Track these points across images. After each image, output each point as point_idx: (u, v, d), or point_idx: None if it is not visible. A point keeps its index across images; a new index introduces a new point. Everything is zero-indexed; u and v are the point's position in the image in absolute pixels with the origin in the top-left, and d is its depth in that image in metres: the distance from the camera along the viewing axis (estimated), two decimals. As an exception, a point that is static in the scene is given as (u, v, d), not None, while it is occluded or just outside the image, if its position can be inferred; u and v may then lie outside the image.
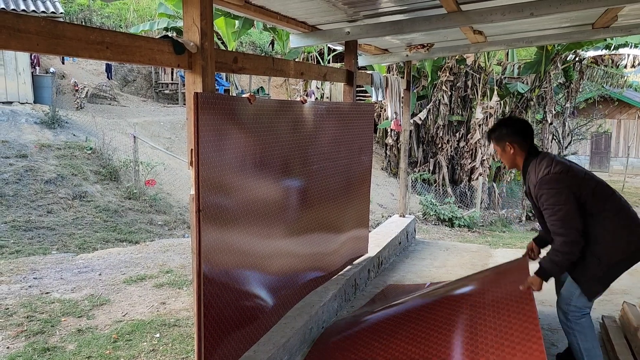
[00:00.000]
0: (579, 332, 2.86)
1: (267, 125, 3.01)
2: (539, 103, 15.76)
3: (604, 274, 2.80)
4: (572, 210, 2.65)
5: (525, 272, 2.94)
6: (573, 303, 2.87)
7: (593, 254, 2.75)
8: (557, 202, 2.66)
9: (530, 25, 5.29)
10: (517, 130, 2.97)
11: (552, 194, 2.68)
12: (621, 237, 2.74)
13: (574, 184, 2.71)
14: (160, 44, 2.29)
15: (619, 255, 2.76)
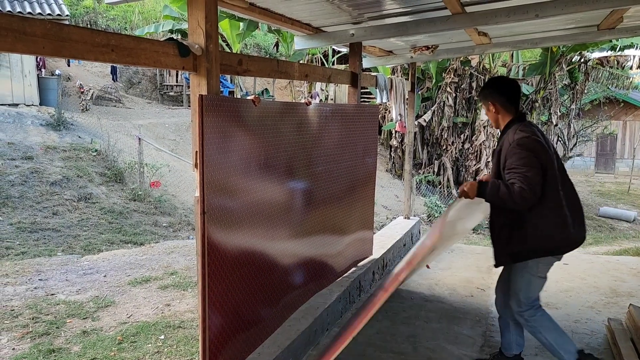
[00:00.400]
0: (541, 327, 2.95)
1: (272, 128, 3.01)
2: (544, 104, 15.73)
3: (521, 252, 2.88)
4: (539, 177, 2.71)
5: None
6: (523, 299, 2.95)
7: (521, 232, 2.84)
8: (528, 163, 2.71)
9: (535, 26, 5.27)
10: (501, 91, 3.02)
11: (525, 155, 2.73)
12: (552, 232, 2.82)
13: (546, 159, 2.78)
14: (165, 46, 2.29)
15: (540, 245, 2.84)
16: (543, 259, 2.89)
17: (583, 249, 9.36)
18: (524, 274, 2.93)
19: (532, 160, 2.72)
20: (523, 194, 2.66)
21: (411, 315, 4.14)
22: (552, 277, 5.11)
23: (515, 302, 3.00)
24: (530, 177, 2.68)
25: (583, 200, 16.39)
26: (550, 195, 2.80)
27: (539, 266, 2.90)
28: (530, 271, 2.91)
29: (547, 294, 4.67)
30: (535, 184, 2.69)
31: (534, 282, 2.94)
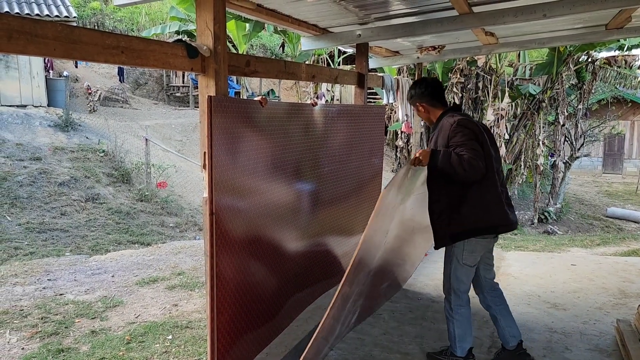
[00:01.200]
0: (458, 321, 3.15)
1: (279, 128, 3.02)
2: (551, 105, 15.63)
3: (461, 233, 3.01)
4: (482, 152, 2.87)
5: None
6: (456, 287, 3.12)
7: (460, 213, 2.98)
8: (473, 138, 2.88)
9: (543, 26, 5.25)
10: (423, 92, 3.21)
11: (467, 132, 2.90)
12: (490, 209, 2.98)
13: (482, 140, 2.95)
14: (173, 48, 2.31)
15: (479, 223, 2.99)
16: (467, 246, 3.03)
17: (590, 249, 9.32)
18: (451, 261, 3.12)
19: (474, 137, 2.89)
20: (472, 162, 2.78)
21: (418, 316, 4.14)
22: (559, 279, 5.15)
23: (445, 288, 3.21)
24: (477, 150, 2.83)
25: (590, 201, 16.28)
26: (490, 176, 2.95)
27: (464, 254, 3.05)
28: (457, 258, 3.08)
29: (555, 295, 4.68)
30: (481, 156, 2.84)
31: (459, 270, 3.09)
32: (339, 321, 3.04)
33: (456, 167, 2.79)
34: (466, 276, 3.13)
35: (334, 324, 2.89)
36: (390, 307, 4.34)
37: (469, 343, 3.24)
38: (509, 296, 4.60)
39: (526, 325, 3.97)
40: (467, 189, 2.95)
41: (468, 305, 3.20)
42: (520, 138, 16.01)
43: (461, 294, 3.15)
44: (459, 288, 3.13)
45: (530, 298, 4.60)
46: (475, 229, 2.99)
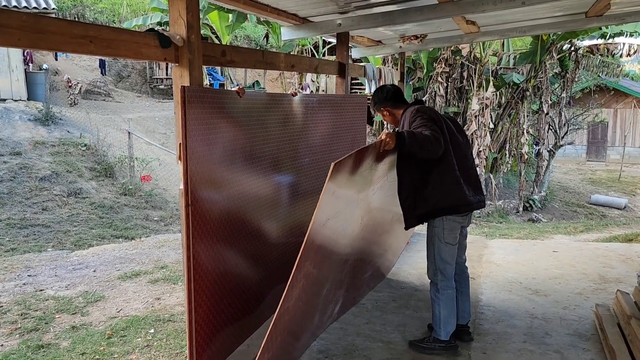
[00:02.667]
0: (443, 302, 3.25)
1: (257, 119, 2.99)
2: (534, 93, 15.72)
3: (426, 213, 3.19)
4: (439, 130, 3.01)
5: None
6: (441, 268, 3.24)
7: (423, 195, 3.14)
8: (431, 120, 3.04)
9: (524, 14, 5.26)
10: (385, 97, 3.39)
11: (427, 116, 3.06)
12: (449, 190, 3.13)
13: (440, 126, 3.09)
14: (146, 37, 2.26)
15: (441, 203, 3.14)
16: (447, 224, 3.17)
17: (574, 236, 9.43)
18: (433, 241, 3.24)
19: (431, 118, 3.06)
20: (435, 135, 2.92)
21: (401, 305, 4.15)
22: (541, 265, 5.20)
23: (430, 270, 3.30)
24: (436, 129, 2.98)
25: (574, 189, 16.41)
26: (444, 158, 3.09)
27: (445, 232, 3.18)
28: (438, 238, 3.21)
29: (536, 281, 4.72)
30: (440, 133, 2.98)
31: (443, 249, 3.22)
32: (315, 307, 3.04)
33: (423, 143, 2.89)
34: (450, 255, 3.25)
35: (308, 309, 2.89)
36: (374, 296, 4.35)
37: (453, 326, 3.31)
38: (491, 283, 4.68)
39: (507, 311, 4.00)
40: (427, 173, 3.12)
41: (454, 288, 3.32)
42: (505, 127, 16.10)
43: (448, 274, 3.26)
44: (445, 268, 3.24)
45: (512, 285, 4.64)
46: (439, 209, 3.15)
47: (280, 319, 2.36)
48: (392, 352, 3.35)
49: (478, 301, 4.26)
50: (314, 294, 2.88)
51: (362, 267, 3.92)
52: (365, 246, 3.72)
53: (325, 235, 2.56)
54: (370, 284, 4.39)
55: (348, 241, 3.13)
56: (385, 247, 4.23)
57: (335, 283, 3.33)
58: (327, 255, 2.77)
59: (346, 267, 3.43)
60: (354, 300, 4.09)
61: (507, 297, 4.34)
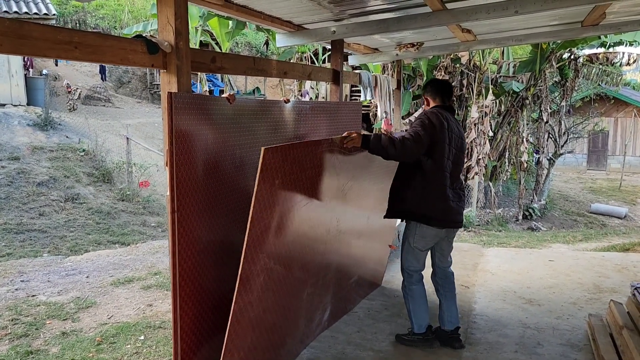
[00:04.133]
0: (411, 297, 3.47)
1: (247, 125, 2.98)
2: (534, 102, 15.72)
3: (400, 212, 3.43)
4: (424, 140, 3.10)
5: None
6: (406, 267, 3.44)
7: (406, 194, 3.30)
8: (424, 129, 3.12)
9: (520, 23, 5.27)
10: (430, 88, 3.47)
11: (425, 124, 3.15)
12: (431, 202, 3.24)
13: (440, 137, 3.18)
14: (133, 43, 2.26)
15: (422, 210, 3.27)
16: (419, 230, 3.30)
17: (572, 245, 9.40)
18: (405, 242, 3.43)
19: (428, 129, 3.12)
20: (406, 142, 3.03)
21: (393, 314, 4.12)
22: (536, 274, 5.18)
23: (401, 266, 3.50)
24: (420, 135, 3.08)
25: (574, 197, 16.38)
26: (437, 171, 3.21)
27: (415, 238, 3.34)
28: (408, 240, 3.39)
29: (531, 290, 4.70)
30: (420, 141, 3.08)
31: (411, 252, 3.39)
32: (296, 311, 3.07)
33: (387, 148, 3.00)
34: (416, 259, 3.41)
35: (287, 312, 2.94)
36: (366, 304, 4.33)
37: (424, 320, 3.48)
38: (485, 292, 4.65)
39: (500, 321, 3.98)
40: (412, 177, 3.25)
41: (420, 284, 3.50)
42: (505, 135, 16.09)
43: (412, 272, 3.44)
44: (409, 267, 3.44)
45: (506, 294, 4.61)
46: (412, 213, 3.31)
47: (242, 313, 2.38)
48: (382, 361, 3.32)
49: (471, 310, 4.23)
50: (289, 295, 2.89)
51: (347, 272, 3.91)
52: (347, 250, 3.75)
53: (285, 229, 2.58)
54: (361, 292, 4.37)
55: (323, 245, 3.16)
56: (368, 252, 4.24)
57: (318, 288, 3.33)
58: (294, 253, 2.81)
59: (329, 272, 3.43)
60: (346, 308, 4.07)
61: (501, 306, 4.31)
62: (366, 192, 3.74)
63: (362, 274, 4.26)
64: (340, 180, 3.19)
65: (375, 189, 3.97)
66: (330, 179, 3.03)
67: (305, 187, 2.74)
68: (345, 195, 3.35)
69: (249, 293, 2.41)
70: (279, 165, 2.36)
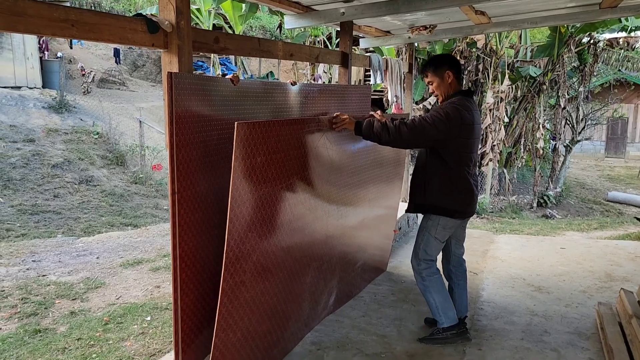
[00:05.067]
0: (435, 289, 3.25)
1: (251, 108, 2.94)
2: (552, 87, 15.44)
3: (425, 206, 3.22)
4: (431, 137, 2.95)
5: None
6: (421, 256, 3.25)
7: (431, 187, 3.15)
8: (434, 122, 2.92)
9: (536, 5, 5.14)
10: (453, 63, 3.21)
11: (438, 116, 2.95)
12: (457, 194, 3.14)
13: (465, 132, 3.01)
14: (132, 22, 2.23)
15: (446, 204, 3.14)
16: (442, 221, 3.16)
17: (587, 233, 9.27)
18: (424, 233, 3.25)
19: (437, 122, 2.92)
20: (402, 130, 2.90)
21: (399, 299, 4.10)
22: (547, 262, 5.11)
23: (414, 258, 3.30)
24: (426, 128, 2.91)
25: (591, 185, 16.18)
26: (461, 164, 3.09)
27: (437, 229, 3.18)
28: (429, 231, 3.21)
29: (540, 278, 4.63)
30: (425, 134, 2.92)
31: (431, 243, 3.22)
32: (299, 295, 3.07)
33: (380, 134, 2.93)
34: (436, 249, 3.27)
35: (288, 296, 2.93)
36: (373, 289, 4.31)
37: (452, 310, 3.29)
38: (494, 279, 4.60)
39: (507, 308, 3.93)
40: (436, 170, 3.12)
41: (439, 273, 3.33)
42: (521, 121, 15.86)
43: (431, 262, 3.28)
44: (426, 258, 3.26)
45: (515, 281, 4.56)
46: (440, 207, 3.15)
47: (234, 292, 2.40)
48: (386, 346, 3.30)
49: (478, 297, 4.19)
50: (291, 278, 2.89)
51: (353, 256, 3.89)
52: (351, 234, 3.73)
53: (274, 209, 2.57)
54: (367, 277, 4.35)
55: (325, 227, 3.17)
56: (372, 236, 4.22)
57: (323, 272, 3.32)
58: (291, 235, 2.79)
59: (334, 256, 3.41)
60: (352, 292, 4.06)
61: (509, 294, 4.26)
62: (368, 176, 3.71)
63: (367, 258, 4.23)
64: (336, 161, 3.18)
65: (379, 172, 3.93)
66: (325, 160, 3.01)
67: (295, 167, 2.73)
68: (345, 178, 3.33)
69: (241, 273, 2.40)
70: (259, 142, 2.35)
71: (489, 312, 3.88)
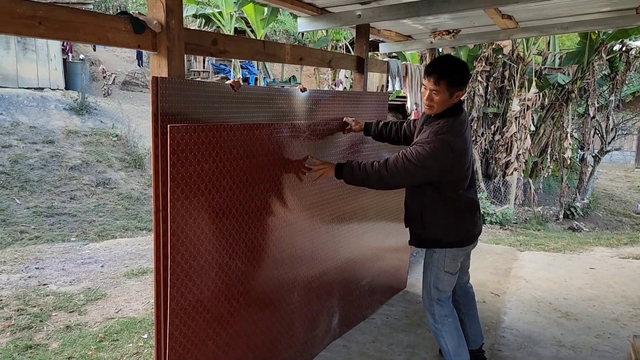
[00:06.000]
0: (447, 333, 2.86)
1: (252, 116, 2.71)
2: (581, 95, 14.95)
3: (429, 240, 2.83)
4: (419, 176, 2.60)
5: None
6: (437, 297, 2.84)
7: (432, 220, 2.78)
8: (420, 161, 2.54)
9: (567, 9, 4.82)
10: (463, 78, 2.70)
11: (425, 153, 2.54)
12: (461, 222, 2.79)
13: (451, 163, 2.59)
14: (114, 21, 2.01)
15: (452, 236, 2.78)
16: (449, 252, 2.79)
17: (616, 249, 8.80)
18: (431, 269, 2.84)
19: (426, 159, 2.54)
20: (382, 173, 2.60)
21: (414, 322, 3.81)
22: (575, 284, 4.75)
23: (426, 297, 2.90)
24: (411, 171, 2.56)
25: (620, 197, 15.58)
26: (460, 190, 2.72)
27: (446, 261, 2.79)
28: (437, 266, 2.81)
29: (568, 302, 4.29)
30: (411, 176, 2.59)
31: (442, 278, 2.82)
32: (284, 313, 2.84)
33: (363, 180, 2.67)
34: (449, 284, 2.86)
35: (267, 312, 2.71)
36: (386, 310, 4.03)
37: (466, 355, 2.93)
38: (517, 302, 4.27)
39: (532, 337, 3.61)
40: (434, 198, 2.73)
41: (454, 314, 2.92)
42: (547, 130, 15.39)
43: (445, 302, 2.87)
44: (440, 297, 2.85)
45: (540, 305, 4.23)
46: (446, 241, 2.78)
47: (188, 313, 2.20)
48: (395, 378, 3.03)
49: (500, 322, 3.88)
50: (265, 294, 2.67)
51: (355, 272, 3.62)
52: (350, 247, 3.49)
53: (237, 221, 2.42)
54: (379, 296, 4.07)
55: (309, 240, 2.99)
56: (381, 249, 3.94)
57: (313, 290, 3.06)
58: (257, 246, 2.58)
59: (328, 272, 3.16)
60: (361, 314, 3.78)
61: (533, 319, 3.94)
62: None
63: (376, 275, 3.94)
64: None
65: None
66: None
67: (265, 175, 2.56)
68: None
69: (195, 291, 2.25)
70: (205, 148, 2.16)
71: (511, 340, 3.56)
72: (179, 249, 2.11)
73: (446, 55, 2.76)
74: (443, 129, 2.59)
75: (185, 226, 2.12)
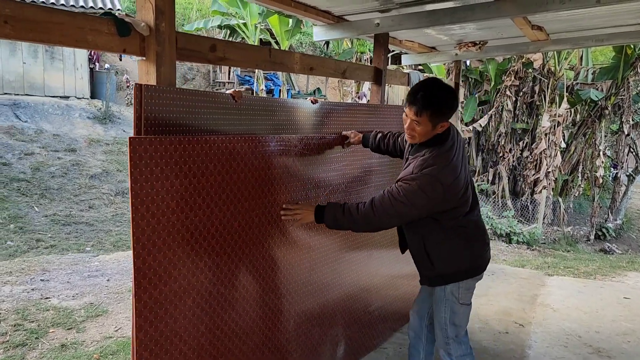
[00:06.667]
0: None
1: (253, 129, 2.49)
2: (614, 112, 14.45)
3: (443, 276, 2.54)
4: (410, 215, 2.36)
5: None
6: (454, 335, 2.57)
7: (443, 254, 2.51)
8: (409, 199, 2.28)
9: (602, 20, 4.52)
10: (450, 109, 2.37)
11: (412, 190, 2.28)
12: (471, 251, 2.53)
13: (442, 196, 2.30)
14: (95, 22, 1.83)
15: (464, 268, 2.52)
16: (463, 286, 2.53)
17: (652, 275, 8.30)
18: (445, 303, 2.56)
19: (415, 199, 2.29)
20: (368, 216, 2.35)
21: (429, 354, 3.52)
22: (607, 315, 4.38)
23: (441, 335, 2.61)
24: (398, 209, 2.31)
25: (655, 219, 14.78)
26: (458, 214, 2.43)
27: (460, 293, 2.53)
28: (452, 300, 2.54)
29: (600, 336, 3.94)
30: (399, 216, 2.35)
31: (458, 311, 2.56)
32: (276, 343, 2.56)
33: (347, 224, 2.43)
34: (465, 316, 2.60)
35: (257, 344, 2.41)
36: (399, 339, 3.75)
37: None
38: (543, 334, 3.94)
39: (559, 376, 3.29)
40: (438, 230, 2.46)
41: (472, 353, 2.65)
42: (579, 147, 14.90)
43: (462, 339, 2.61)
44: (458, 334, 2.57)
45: (569, 338, 3.89)
46: (454, 275, 2.52)
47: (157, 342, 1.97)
48: (405, 420, 2.75)
49: (524, 356, 3.56)
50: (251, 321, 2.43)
51: (359, 298, 3.35)
52: (351, 270, 3.24)
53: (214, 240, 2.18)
54: (392, 323, 3.79)
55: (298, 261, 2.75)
56: (389, 272, 3.67)
57: (310, 317, 2.81)
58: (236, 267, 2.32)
59: (327, 298, 2.90)
60: (371, 343, 3.51)
61: (561, 355, 3.60)
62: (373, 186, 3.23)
63: (386, 301, 3.67)
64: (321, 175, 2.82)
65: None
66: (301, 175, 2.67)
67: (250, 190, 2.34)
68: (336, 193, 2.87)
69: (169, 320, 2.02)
70: (175, 162, 1.96)
71: (536, 379, 3.25)
72: (145, 273, 1.89)
73: (432, 81, 2.42)
74: (428, 161, 2.32)
75: (153, 247, 1.90)
